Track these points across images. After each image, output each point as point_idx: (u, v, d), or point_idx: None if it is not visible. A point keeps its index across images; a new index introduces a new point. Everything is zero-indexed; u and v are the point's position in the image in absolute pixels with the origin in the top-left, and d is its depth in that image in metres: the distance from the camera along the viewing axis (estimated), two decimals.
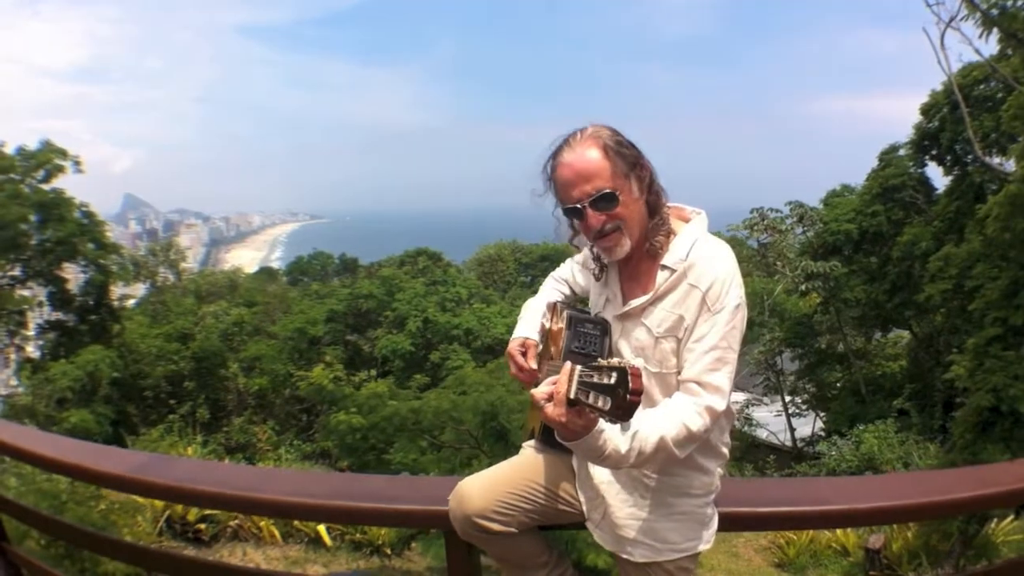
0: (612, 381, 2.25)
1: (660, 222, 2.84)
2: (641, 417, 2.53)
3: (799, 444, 35.32)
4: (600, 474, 2.97)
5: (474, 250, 68.08)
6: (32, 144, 33.94)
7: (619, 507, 2.94)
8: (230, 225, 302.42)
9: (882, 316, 33.18)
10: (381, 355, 38.86)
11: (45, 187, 33.40)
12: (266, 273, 73.62)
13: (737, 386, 22.92)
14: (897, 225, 31.36)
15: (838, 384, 36.04)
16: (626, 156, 2.76)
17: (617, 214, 2.74)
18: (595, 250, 2.98)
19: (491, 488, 3.04)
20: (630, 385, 2.22)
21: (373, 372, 38.74)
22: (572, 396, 2.33)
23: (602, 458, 2.56)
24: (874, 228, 31.65)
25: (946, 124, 28.51)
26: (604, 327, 2.96)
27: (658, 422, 2.60)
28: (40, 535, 8.16)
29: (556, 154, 2.80)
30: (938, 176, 30.80)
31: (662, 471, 2.85)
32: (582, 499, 3.09)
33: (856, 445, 26.02)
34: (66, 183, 33.90)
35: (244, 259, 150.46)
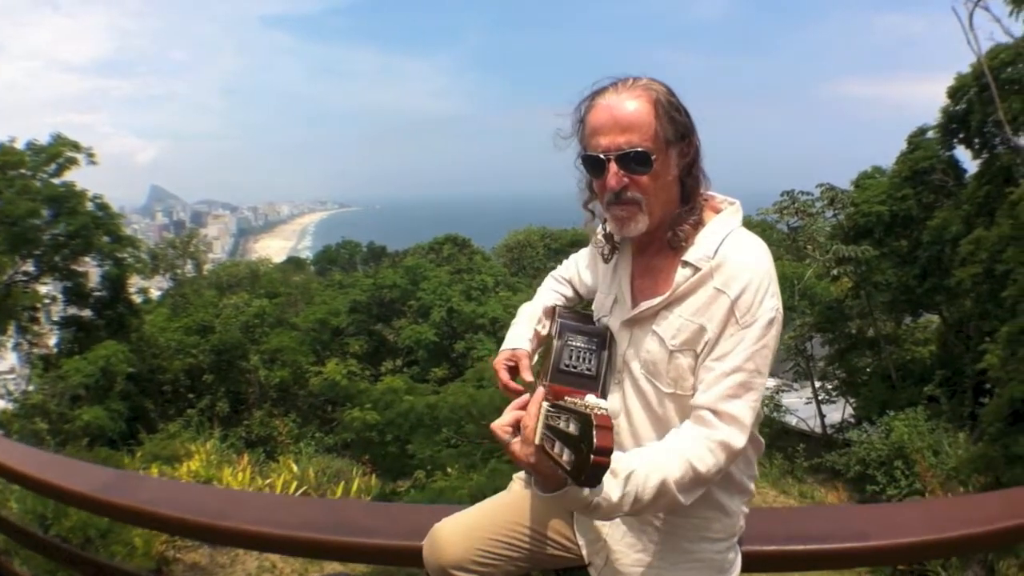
0: (574, 430, 1.78)
1: (690, 211, 2.41)
2: (639, 454, 2.19)
3: (829, 431, 34.77)
4: None
5: (503, 236, 67.51)
6: (47, 139, 33.95)
7: (624, 552, 2.49)
8: (258, 215, 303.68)
9: (912, 300, 32.77)
10: (406, 345, 38.63)
11: (56, 180, 33.35)
12: (294, 263, 73.78)
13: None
14: (927, 208, 30.91)
15: (868, 370, 35.39)
16: (677, 123, 2.35)
17: (643, 183, 2.33)
18: (607, 224, 2.56)
19: (469, 534, 2.62)
20: (594, 441, 1.71)
21: (399, 362, 38.68)
22: (537, 441, 1.93)
23: (589, 508, 2.12)
24: (904, 211, 31.23)
25: (974, 106, 27.89)
26: (603, 338, 2.52)
27: (659, 460, 2.17)
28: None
29: (596, 94, 2.40)
30: (967, 159, 30.41)
31: (675, 512, 2.41)
32: (581, 542, 2.64)
33: (886, 433, 25.67)
34: (91, 178, 34.22)
35: (273, 249, 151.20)
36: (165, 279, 49.04)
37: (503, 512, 2.71)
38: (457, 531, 2.64)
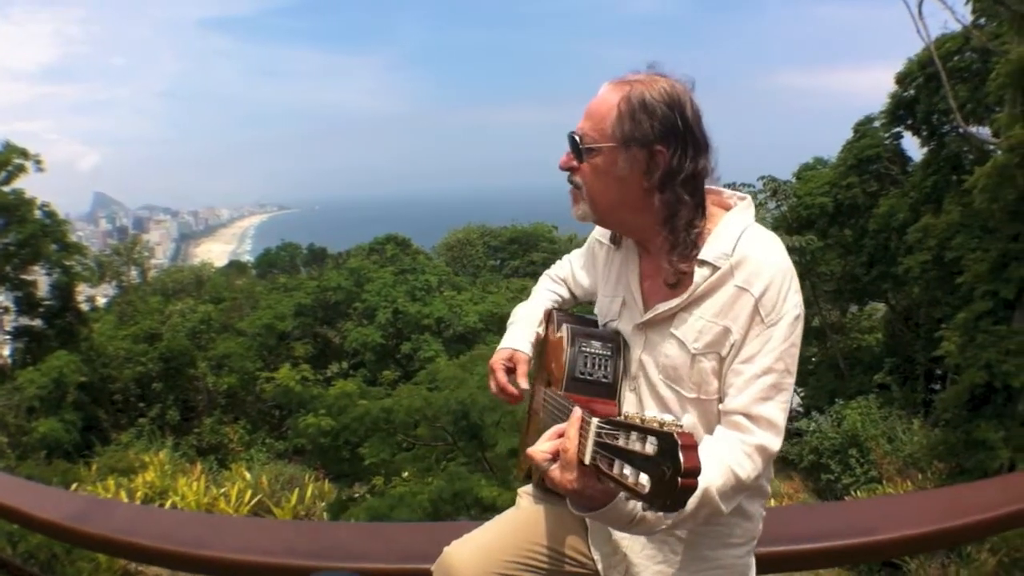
0: (651, 450, 1.56)
1: (679, 234, 2.21)
2: None
3: None
4: None
5: (443, 235, 67.57)
6: None
7: (645, 565, 2.34)
8: (199, 219, 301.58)
9: (858, 289, 33.36)
10: (351, 348, 38.45)
11: (5, 189, 32.98)
12: (235, 267, 73.76)
13: None
14: (873, 197, 31.42)
15: (814, 359, 35.94)
16: (640, 125, 2.17)
17: (582, 171, 2.26)
18: None
19: (488, 557, 2.43)
20: (682, 462, 1.51)
21: (344, 365, 38.58)
22: (588, 461, 1.75)
23: (632, 524, 2.00)
24: (849, 200, 31.69)
25: (921, 94, 28.42)
26: (617, 344, 2.38)
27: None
28: None
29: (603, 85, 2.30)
30: (914, 147, 30.76)
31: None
32: (596, 557, 2.48)
33: (838, 422, 25.92)
34: (35, 185, 33.85)
35: (214, 253, 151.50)
36: (111, 287, 48.91)
37: (518, 532, 2.54)
38: (473, 554, 2.45)
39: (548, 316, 2.71)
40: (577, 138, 2.23)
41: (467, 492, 16.13)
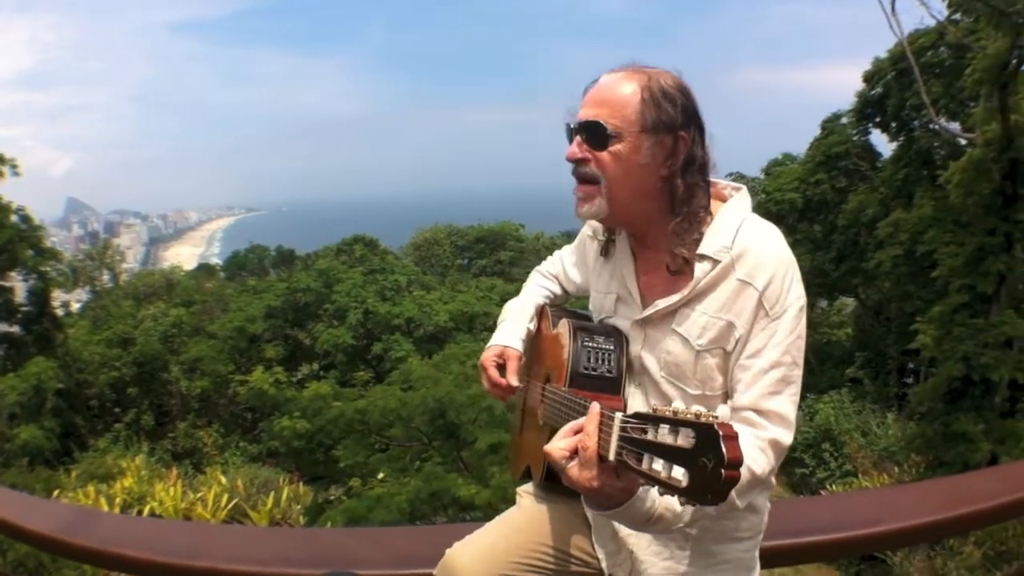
0: (686, 443, 1.50)
1: (684, 222, 2.18)
2: None
3: None
4: None
5: (410, 235, 67.59)
6: None
7: (651, 562, 2.28)
8: (168, 223, 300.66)
9: (827, 284, 33.48)
10: (322, 349, 38.37)
11: None
12: (204, 270, 73.20)
13: None
14: (841, 193, 31.62)
15: None
16: (665, 113, 2.13)
17: (603, 161, 2.15)
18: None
19: (493, 559, 2.38)
20: (724, 453, 1.45)
21: (315, 366, 38.55)
22: (612, 457, 1.69)
23: (649, 522, 1.97)
24: (818, 197, 31.90)
25: (891, 90, 28.61)
26: (619, 338, 2.32)
27: None
28: None
29: (601, 76, 2.24)
30: (882, 143, 30.95)
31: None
32: (601, 555, 2.43)
33: (810, 416, 26.00)
34: (9, 191, 33.49)
35: (183, 256, 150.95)
36: (84, 291, 48.82)
37: (521, 533, 2.49)
38: (477, 556, 2.40)
39: (540, 312, 2.69)
40: (602, 123, 2.14)
41: (444, 492, 16.10)
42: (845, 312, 36.83)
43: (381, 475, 19.37)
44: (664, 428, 1.55)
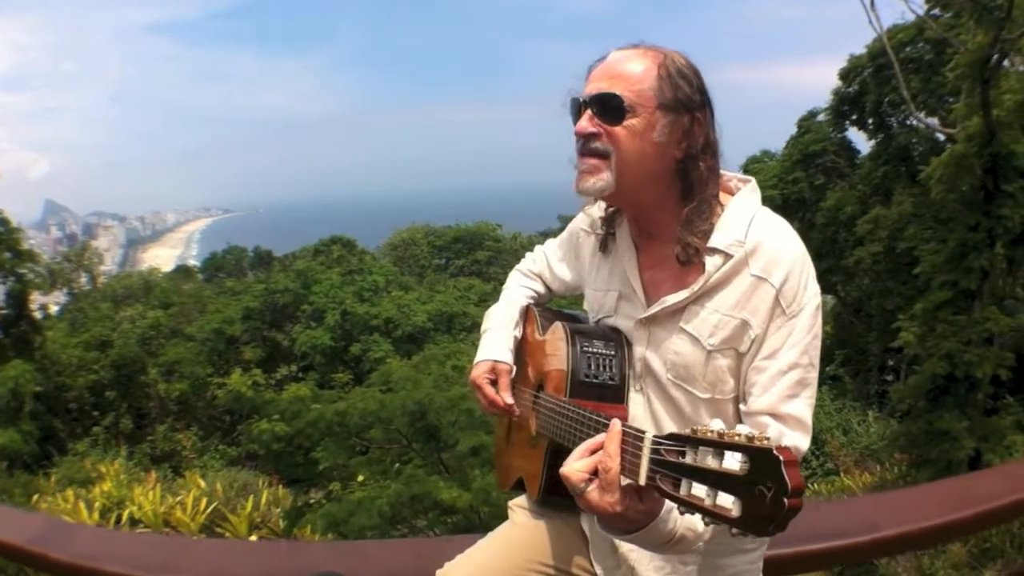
0: (738, 468, 1.37)
1: (697, 209, 2.06)
2: None
3: None
4: None
5: (387, 235, 67.68)
6: None
7: None
8: (146, 224, 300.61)
9: None
10: (301, 351, 38.28)
11: None
12: (182, 271, 73.07)
13: None
14: (819, 191, 31.69)
15: None
16: (682, 91, 2.03)
17: (616, 136, 2.03)
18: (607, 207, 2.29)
19: None
20: (788, 481, 1.33)
21: (294, 368, 38.51)
22: (644, 481, 1.58)
23: (670, 544, 1.87)
24: (796, 195, 31.92)
25: (869, 87, 28.61)
26: (619, 342, 2.19)
27: None
28: None
29: (610, 52, 2.14)
30: (860, 141, 31.02)
31: None
32: (599, 570, 2.31)
33: None
34: None
35: (162, 258, 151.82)
36: (62, 294, 48.82)
37: (516, 551, 2.39)
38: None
39: (526, 314, 2.57)
40: (618, 95, 2.02)
41: (425, 495, 15.98)
42: (825, 310, 36.99)
43: (361, 478, 19.28)
44: (706, 451, 1.45)
